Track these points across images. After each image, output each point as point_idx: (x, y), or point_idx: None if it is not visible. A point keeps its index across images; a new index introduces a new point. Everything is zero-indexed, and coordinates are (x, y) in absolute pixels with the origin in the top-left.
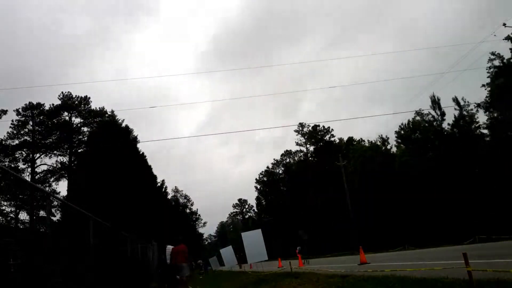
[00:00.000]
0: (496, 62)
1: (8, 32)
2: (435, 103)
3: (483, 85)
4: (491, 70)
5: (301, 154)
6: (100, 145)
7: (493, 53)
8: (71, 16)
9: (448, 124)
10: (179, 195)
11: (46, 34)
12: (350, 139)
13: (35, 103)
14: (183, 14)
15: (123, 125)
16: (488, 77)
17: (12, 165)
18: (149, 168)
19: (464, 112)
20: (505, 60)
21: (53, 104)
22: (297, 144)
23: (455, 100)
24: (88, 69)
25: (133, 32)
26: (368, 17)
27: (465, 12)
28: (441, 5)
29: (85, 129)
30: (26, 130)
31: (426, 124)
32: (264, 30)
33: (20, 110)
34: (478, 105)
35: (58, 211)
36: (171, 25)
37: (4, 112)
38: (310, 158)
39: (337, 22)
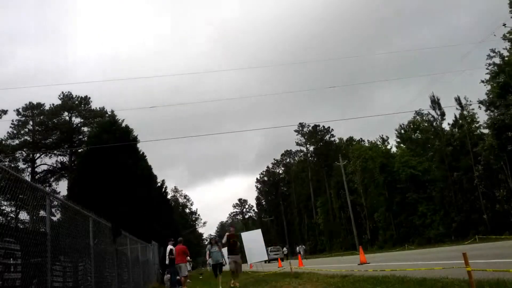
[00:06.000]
0: (496, 60)
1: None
2: (435, 103)
3: (482, 81)
4: (490, 67)
5: (301, 154)
6: (100, 145)
7: (493, 50)
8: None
9: (448, 123)
10: (178, 195)
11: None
12: (351, 139)
13: (35, 103)
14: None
15: (123, 125)
16: (487, 73)
17: (12, 165)
18: (149, 168)
19: (465, 112)
20: (505, 58)
21: (53, 104)
22: (297, 144)
23: (457, 99)
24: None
25: None
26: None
27: (465, 11)
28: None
29: (85, 129)
30: (26, 130)
31: (426, 124)
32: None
33: (20, 110)
34: (481, 102)
35: (58, 211)
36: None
37: (4, 112)
38: (310, 158)
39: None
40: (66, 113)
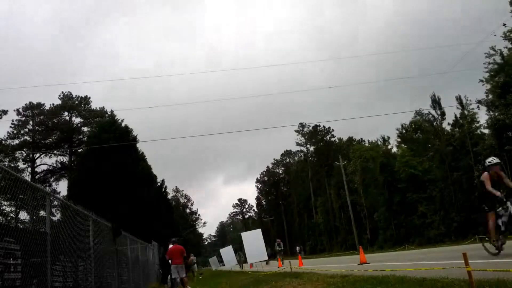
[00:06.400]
0: (497, 59)
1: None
2: (435, 102)
3: (481, 80)
4: (490, 65)
5: (301, 154)
6: (100, 145)
7: (493, 48)
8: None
9: (448, 123)
10: (179, 195)
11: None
12: (351, 139)
13: (35, 103)
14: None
15: (123, 125)
16: (485, 71)
17: (12, 165)
18: (149, 168)
19: (466, 111)
20: (505, 56)
21: (53, 104)
22: (297, 144)
23: (458, 98)
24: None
25: None
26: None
27: (465, 11)
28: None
29: (85, 129)
30: (26, 130)
31: (427, 124)
32: None
33: (20, 110)
34: (479, 102)
35: (58, 211)
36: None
37: (5, 112)
38: (310, 158)
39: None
40: (66, 113)
